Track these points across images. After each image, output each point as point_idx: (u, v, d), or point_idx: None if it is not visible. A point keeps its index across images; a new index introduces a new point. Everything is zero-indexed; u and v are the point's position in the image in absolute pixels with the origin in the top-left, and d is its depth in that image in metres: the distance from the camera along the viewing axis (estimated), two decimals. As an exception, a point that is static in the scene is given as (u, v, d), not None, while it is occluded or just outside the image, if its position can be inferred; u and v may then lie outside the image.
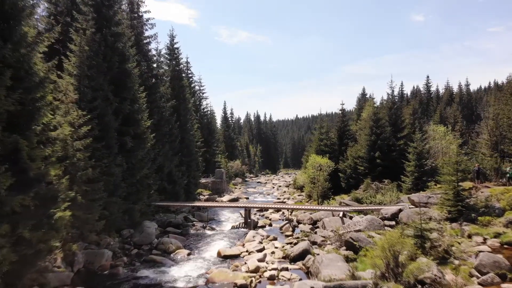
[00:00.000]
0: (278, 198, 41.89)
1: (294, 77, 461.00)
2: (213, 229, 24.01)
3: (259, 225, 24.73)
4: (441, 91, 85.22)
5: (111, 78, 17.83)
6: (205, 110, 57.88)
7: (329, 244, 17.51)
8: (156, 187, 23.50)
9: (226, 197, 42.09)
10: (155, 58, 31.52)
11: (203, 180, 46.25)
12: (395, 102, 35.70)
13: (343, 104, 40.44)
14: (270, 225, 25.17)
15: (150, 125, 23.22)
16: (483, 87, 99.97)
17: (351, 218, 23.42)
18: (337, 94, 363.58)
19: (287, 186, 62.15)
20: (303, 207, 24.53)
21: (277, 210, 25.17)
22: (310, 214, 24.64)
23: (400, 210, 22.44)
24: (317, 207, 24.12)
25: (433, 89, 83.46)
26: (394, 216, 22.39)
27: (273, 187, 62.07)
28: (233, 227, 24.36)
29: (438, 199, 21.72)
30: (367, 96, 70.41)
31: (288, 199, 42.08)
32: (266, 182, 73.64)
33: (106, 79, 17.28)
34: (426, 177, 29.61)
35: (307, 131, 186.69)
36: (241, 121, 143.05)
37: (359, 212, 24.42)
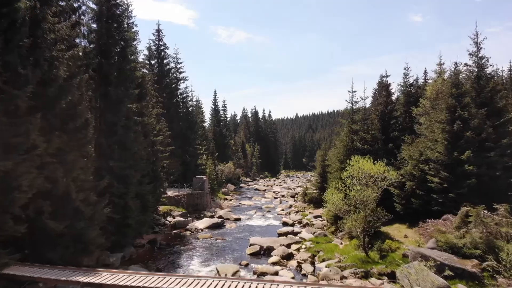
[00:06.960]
0: (285, 223, 27.28)
1: (292, 77, 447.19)
2: None
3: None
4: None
5: None
6: (184, 95, 42.92)
7: None
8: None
9: (203, 222, 27.21)
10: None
11: (174, 193, 31.55)
12: (485, 65, 20.97)
13: (387, 76, 25.83)
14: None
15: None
16: None
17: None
18: (337, 94, 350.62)
19: (292, 196, 47.91)
20: None
21: None
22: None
23: None
24: None
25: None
26: None
27: (275, 197, 47.50)
28: None
29: None
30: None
31: (300, 222, 27.56)
32: (265, 189, 58.63)
33: None
34: None
35: (308, 130, 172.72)
36: (237, 118, 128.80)
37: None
